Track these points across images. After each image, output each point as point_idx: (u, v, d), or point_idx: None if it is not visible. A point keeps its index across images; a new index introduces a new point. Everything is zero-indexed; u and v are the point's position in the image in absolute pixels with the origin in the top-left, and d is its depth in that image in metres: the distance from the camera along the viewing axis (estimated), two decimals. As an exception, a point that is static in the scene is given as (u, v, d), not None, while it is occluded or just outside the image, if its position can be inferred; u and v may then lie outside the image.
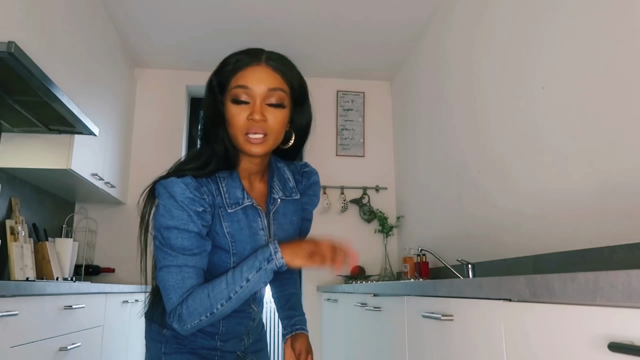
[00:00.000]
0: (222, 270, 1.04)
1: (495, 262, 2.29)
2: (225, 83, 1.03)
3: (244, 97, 1.00)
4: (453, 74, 2.92)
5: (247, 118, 1.00)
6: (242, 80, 1.00)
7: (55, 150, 2.58)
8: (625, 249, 1.52)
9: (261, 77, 1.01)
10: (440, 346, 1.36)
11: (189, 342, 1.12)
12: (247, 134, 1.00)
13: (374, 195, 3.99)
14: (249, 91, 1.00)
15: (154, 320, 1.14)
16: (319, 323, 3.78)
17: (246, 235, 1.05)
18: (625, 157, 1.56)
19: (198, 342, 1.12)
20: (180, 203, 0.99)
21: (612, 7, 1.64)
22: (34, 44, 2.13)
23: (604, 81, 1.66)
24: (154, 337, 1.14)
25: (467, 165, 2.68)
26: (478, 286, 1.08)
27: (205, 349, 1.13)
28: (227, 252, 1.04)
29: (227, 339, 1.16)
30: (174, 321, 0.99)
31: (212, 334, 1.13)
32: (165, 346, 1.11)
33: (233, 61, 1.03)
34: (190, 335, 1.11)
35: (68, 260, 3.04)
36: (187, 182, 1.00)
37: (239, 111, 1.00)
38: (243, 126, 1.00)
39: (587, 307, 0.75)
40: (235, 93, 1.01)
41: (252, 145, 1.01)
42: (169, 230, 0.99)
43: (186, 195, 0.99)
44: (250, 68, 1.02)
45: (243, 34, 3.48)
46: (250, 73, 1.01)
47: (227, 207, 1.04)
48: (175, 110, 3.98)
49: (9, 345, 1.58)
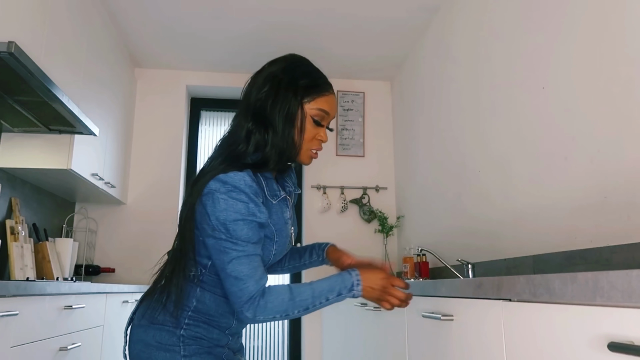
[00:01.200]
0: (267, 258, 1.14)
1: (495, 262, 2.29)
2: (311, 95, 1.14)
3: (324, 122, 1.16)
4: (453, 74, 2.92)
5: (316, 138, 1.16)
6: (328, 107, 1.16)
7: (55, 150, 2.58)
8: (625, 249, 1.52)
9: (335, 107, 1.19)
10: (440, 346, 1.36)
11: (207, 340, 1.12)
12: (311, 150, 1.16)
13: (374, 195, 3.99)
14: (328, 118, 1.17)
15: (164, 324, 1.09)
16: (319, 323, 3.78)
17: (282, 224, 1.16)
18: (625, 157, 1.56)
19: (214, 338, 1.13)
20: (245, 195, 1.04)
21: (612, 7, 1.64)
22: (34, 44, 2.13)
23: (604, 81, 1.66)
24: (167, 342, 1.07)
25: (467, 165, 2.68)
26: (478, 286, 1.08)
27: (219, 347, 1.14)
28: (272, 240, 1.13)
29: (234, 334, 1.19)
30: (249, 310, 1.03)
31: (224, 328, 1.15)
32: (183, 348, 1.07)
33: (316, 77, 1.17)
34: (207, 333, 1.11)
35: (68, 260, 3.04)
36: (250, 174, 1.07)
37: (317, 131, 1.15)
38: (313, 143, 1.16)
39: (587, 307, 0.75)
40: (319, 115, 1.14)
41: (310, 160, 1.18)
42: (235, 223, 1.04)
43: (252, 187, 1.06)
44: (331, 96, 1.18)
45: (243, 35, 3.48)
46: (332, 101, 1.17)
47: (270, 199, 1.13)
48: (175, 110, 3.98)
49: (9, 345, 1.58)
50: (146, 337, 1.10)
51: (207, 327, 1.12)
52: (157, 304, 1.11)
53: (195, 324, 1.11)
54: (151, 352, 1.08)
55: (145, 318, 1.12)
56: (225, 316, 1.14)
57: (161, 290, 1.13)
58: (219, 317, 1.14)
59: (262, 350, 4.04)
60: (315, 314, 3.77)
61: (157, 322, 1.10)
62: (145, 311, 1.13)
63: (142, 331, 1.11)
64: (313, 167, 3.99)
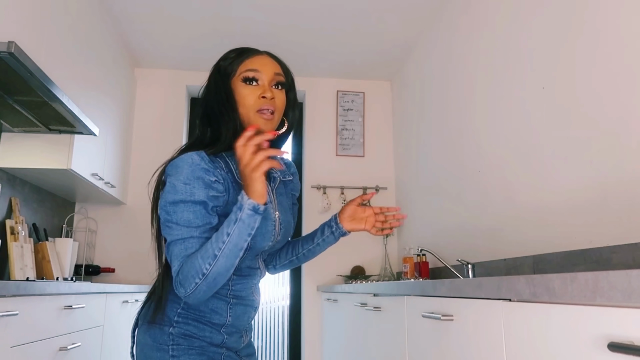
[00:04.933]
0: None
1: (495, 262, 2.29)
2: (232, 68, 1.15)
3: (254, 76, 1.13)
4: (453, 74, 2.92)
5: (258, 97, 1.11)
6: (252, 65, 1.14)
7: (55, 150, 2.58)
8: (625, 249, 1.52)
9: (268, 62, 1.16)
10: (440, 346, 1.36)
11: (199, 338, 1.10)
12: (258, 111, 1.11)
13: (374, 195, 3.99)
14: (259, 74, 1.13)
15: (157, 322, 1.10)
16: (319, 323, 3.78)
17: None
18: (625, 157, 1.56)
19: (207, 336, 1.11)
20: (189, 175, 1.03)
21: (612, 7, 1.64)
22: (34, 44, 2.13)
23: (604, 81, 1.66)
24: (158, 340, 1.08)
25: (467, 165, 2.68)
26: (478, 286, 1.08)
27: (213, 346, 1.12)
28: None
29: (232, 332, 1.15)
30: (178, 289, 1.01)
31: (218, 326, 1.12)
32: (172, 348, 1.07)
33: (238, 51, 1.17)
34: (198, 331, 1.10)
35: (68, 260, 3.04)
36: (201, 155, 1.05)
37: (250, 91, 1.12)
38: (255, 104, 1.11)
39: (587, 307, 0.76)
40: (245, 75, 1.13)
41: (264, 120, 1.11)
42: (175, 205, 1.03)
43: (200, 166, 1.04)
44: (257, 56, 1.16)
45: (243, 35, 3.48)
46: (258, 59, 1.15)
47: (240, 181, 1.10)
48: (175, 110, 3.98)
49: (9, 345, 1.58)
50: (145, 336, 1.10)
51: (198, 324, 1.10)
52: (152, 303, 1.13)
53: (184, 322, 1.09)
54: (147, 352, 1.09)
55: (145, 318, 1.13)
56: (216, 312, 1.12)
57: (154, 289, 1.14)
58: (210, 313, 1.11)
59: (262, 350, 4.04)
60: (315, 314, 3.77)
61: (153, 320, 1.10)
62: (147, 312, 1.13)
63: (142, 332, 1.12)
64: (313, 167, 3.99)
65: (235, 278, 1.15)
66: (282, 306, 4.07)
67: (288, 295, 4.05)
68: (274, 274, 1.40)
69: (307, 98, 4.14)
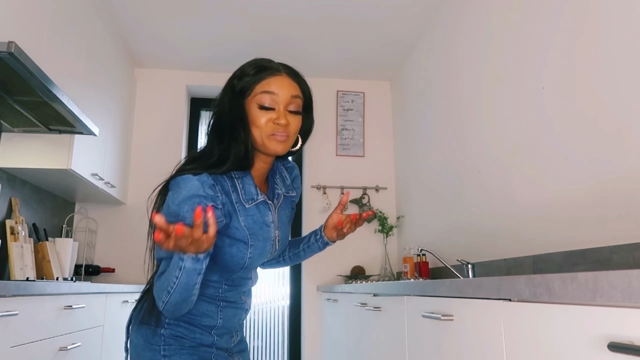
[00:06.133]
0: (239, 261, 1.11)
1: (495, 262, 2.29)
2: (248, 88, 1.11)
3: (270, 102, 1.10)
4: (453, 74, 2.92)
5: (272, 122, 1.10)
6: (268, 87, 1.10)
7: (55, 150, 2.58)
8: (625, 249, 1.52)
9: (285, 85, 1.12)
10: (440, 346, 1.36)
11: (189, 339, 1.12)
12: (272, 134, 1.10)
13: (374, 195, 3.99)
14: (275, 97, 1.10)
15: (149, 323, 1.12)
16: (319, 323, 3.78)
17: (259, 228, 1.14)
18: (625, 157, 1.56)
19: (197, 338, 1.13)
20: (185, 199, 1.03)
21: (612, 7, 1.64)
22: (34, 44, 2.13)
23: (604, 81, 1.66)
24: (150, 341, 1.10)
25: (467, 165, 2.68)
26: (478, 286, 1.08)
27: (203, 346, 1.14)
28: (246, 244, 1.11)
29: (223, 333, 1.18)
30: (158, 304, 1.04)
31: (209, 328, 1.15)
32: (164, 348, 1.10)
33: (254, 70, 1.12)
34: (189, 333, 1.12)
35: (68, 260, 3.04)
36: (202, 180, 1.05)
37: (265, 114, 1.10)
38: (269, 128, 1.10)
39: (587, 307, 0.75)
40: (261, 98, 1.10)
41: (277, 143, 1.10)
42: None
43: (198, 194, 1.04)
44: (274, 77, 1.12)
45: (243, 35, 3.48)
46: (275, 81, 1.11)
47: (244, 202, 1.12)
48: (175, 110, 3.98)
49: (9, 345, 1.58)
50: (137, 336, 1.13)
51: (189, 326, 1.13)
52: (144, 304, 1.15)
53: (175, 324, 1.12)
54: (139, 352, 1.12)
55: (137, 318, 1.15)
56: (206, 315, 1.14)
57: (147, 290, 1.16)
58: (200, 316, 1.14)
59: (262, 350, 4.04)
60: (315, 314, 3.77)
61: (144, 321, 1.12)
62: (139, 312, 1.15)
63: (134, 331, 1.15)
64: (313, 167, 3.99)
65: (225, 287, 1.17)
66: (282, 306, 4.06)
67: (288, 295, 4.04)
68: (265, 269, 1.41)
69: (307, 98, 4.14)
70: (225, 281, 1.16)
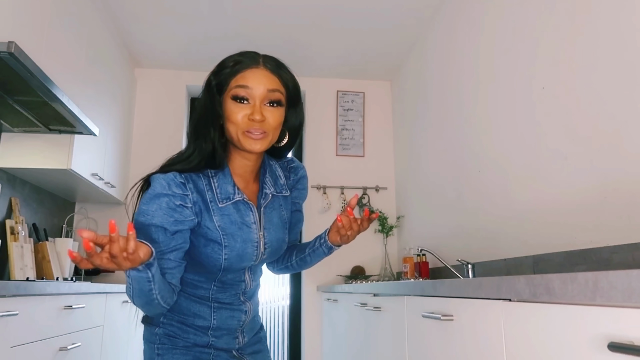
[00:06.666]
0: (215, 262, 1.08)
1: (495, 262, 2.29)
2: (225, 83, 1.07)
3: (244, 95, 1.05)
4: (453, 74, 2.92)
5: (248, 118, 1.04)
6: (243, 81, 1.05)
7: (55, 150, 2.58)
8: (625, 249, 1.52)
9: (261, 78, 1.06)
10: (440, 346, 1.36)
11: (182, 339, 1.13)
12: (247, 132, 1.05)
13: (374, 195, 3.99)
14: (250, 91, 1.05)
15: (147, 322, 1.17)
16: (319, 323, 3.78)
17: (237, 228, 1.09)
18: (625, 157, 1.56)
19: (191, 338, 1.14)
20: (153, 198, 1.03)
21: (612, 7, 1.64)
22: (34, 44, 2.13)
23: (604, 81, 1.66)
24: (149, 339, 1.15)
25: (467, 165, 2.68)
26: (478, 286, 1.08)
27: (198, 346, 1.14)
28: (220, 244, 1.07)
29: (220, 335, 1.16)
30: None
31: (204, 329, 1.14)
32: (158, 347, 1.12)
33: (231, 63, 1.07)
34: (182, 332, 1.13)
35: (68, 260, 3.04)
36: (168, 179, 1.04)
37: (239, 109, 1.05)
38: (243, 124, 1.05)
39: (587, 307, 0.75)
40: (235, 92, 1.05)
41: (252, 141, 1.05)
42: (137, 222, 1.03)
43: (164, 192, 1.03)
44: (250, 70, 1.06)
45: (243, 35, 3.48)
46: (250, 74, 1.06)
47: (218, 201, 1.08)
48: (175, 110, 3.98)
49: (9, 345, 1.58)
50: (143, 333, 1.18)
51: (182, 326, 1.13)
52: None
53: (169, 323, 1.13)
54: (144, 347, 1.16)
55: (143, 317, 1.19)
56: (199, 316, 1.13)
57: None
58: (193, 317, 1.13)
59: (262, 350, 4.03)
60: (315, 314, 3.77)
61: (146, 321, 1.17)
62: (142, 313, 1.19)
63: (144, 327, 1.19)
64: (313, 167, 3.99)
65: (215, 289, 1.14)
66: (282, 306, 4.06)
67: (288, 295, 4.05)
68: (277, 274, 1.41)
69: (307, 98, 4.14)
70: (213, 282, 1.13)
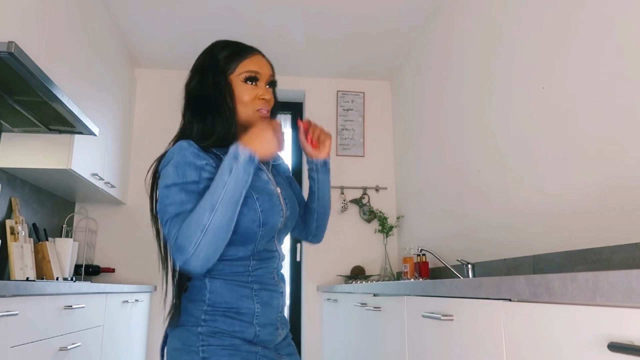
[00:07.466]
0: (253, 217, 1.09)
1: (495, 262, 2.29)
2: (232, 67, 1.17)
3: (256, 77, 1.18)
4: (453, 74, 2.92)
5: (258, 98, 1.17)
6: (253, 66, 1.18)
7: (55, 150, 2.58)
8: (625, 249, 1.52)
9: (265, 62, 1.22)
10: (440, 346, 1.36)
11: (228, 334, 1.06)
12: (257, 110, 1.17)
13: (374, 195, 3.99)
14: (259, 74, 1.19)
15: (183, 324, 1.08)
16: (319, 323, 3.78)
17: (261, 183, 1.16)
18: (625, 157, 1.56)
19: (237, 331, 1.07)
20: (179, 160, 1.05)
21: (612, 7, 1.64)
22: (34, 44, 2.13)
23: (604, 81, 1.66)
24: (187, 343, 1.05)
25: (467, 165, 2.68)
26: (478, 286, 1.08)
27: (245, 344, 1.08)
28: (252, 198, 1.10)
29: (264, 323, 1.11)
30: (177, 256, 0.98)
31: (249, 316, 1.09)
32: (202, 350, 1.04)
33: (235, 48, 1.20)
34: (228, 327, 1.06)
35: (68, 260, 3.04)
36: (189, 142, 1.08)
37: (251, 90, 1.17)
38: (254, 104, 1.17)
39: (587, 307, 0.75)
40: (248, 74, 1.17)
41: (263, 118, 1.18)
42: (169, 189, 1.04)
43: (189, 151, 1.06)
44: (255, 55, 1.21)
45: (242, 35, 3.48)
46: (257, 59, 1.20)
47: None
48: (175, 110, 3.95)
49: (9, 345, 1.58)
50: (175, 341, 1.08)
51: (226, 319, 1.07)
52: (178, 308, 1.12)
53: (212, 318, 1.06)
54: (177, 355, 1.06)
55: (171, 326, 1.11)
56: (243, 300, 1.09)
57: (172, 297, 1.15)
58: (237, 301, 1.08)
59: (262, 350, 4.03)
60: (315, 314, 3.77)
61: (180, 323, 1.09)
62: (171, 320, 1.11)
63: (172, 336, 1.10)
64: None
65: (254, 263, 1.13)
66: (282, 306, 4.07)
67: (288, 295, 4.05)
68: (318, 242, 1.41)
69: (307, 98, 4.14)
70: (252, 256, 1.11)
